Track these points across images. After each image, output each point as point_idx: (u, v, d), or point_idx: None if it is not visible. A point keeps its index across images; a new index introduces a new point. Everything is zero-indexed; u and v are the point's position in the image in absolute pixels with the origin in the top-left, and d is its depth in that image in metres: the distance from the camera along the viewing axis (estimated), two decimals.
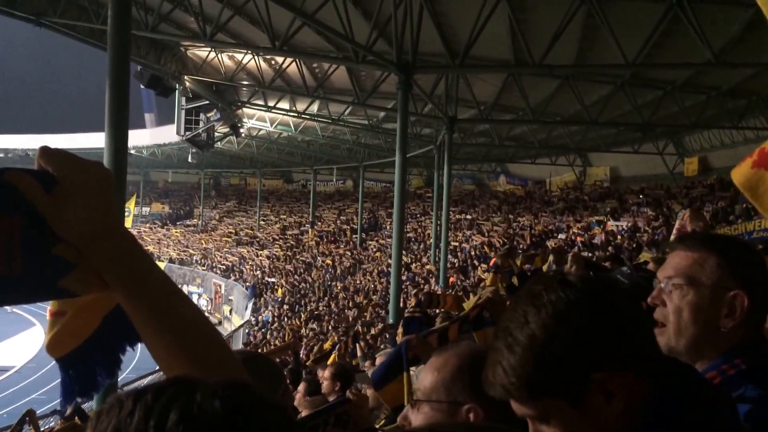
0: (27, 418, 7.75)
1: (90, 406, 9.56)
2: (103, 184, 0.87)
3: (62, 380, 0.95)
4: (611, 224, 23.10)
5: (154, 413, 0.69)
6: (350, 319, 19.77)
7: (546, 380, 0.88)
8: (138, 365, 12.83)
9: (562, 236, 23.99)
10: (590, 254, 17.88)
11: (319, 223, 43.85)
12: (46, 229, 0.83)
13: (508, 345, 0.89)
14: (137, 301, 0.87)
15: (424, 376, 1.36)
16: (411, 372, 2.51)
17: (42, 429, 9.53)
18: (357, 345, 8.39)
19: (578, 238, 22.04)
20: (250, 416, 0.71)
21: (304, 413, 3.58)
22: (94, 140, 39.80)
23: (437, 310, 8.57)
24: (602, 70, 17.56)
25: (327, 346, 12.37)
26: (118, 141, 8.16)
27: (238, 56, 21.08)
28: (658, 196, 25.07)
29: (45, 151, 0.85)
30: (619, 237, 20.43)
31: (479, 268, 21.56)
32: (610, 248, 18.35)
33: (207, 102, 24.73)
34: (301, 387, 4.79)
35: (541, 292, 0.91)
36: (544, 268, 6.72)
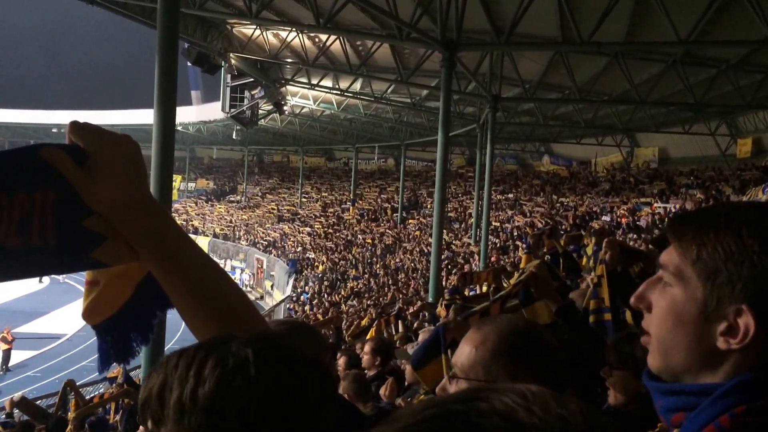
0: (68, 388, 8.08)
1: (137, 374, 9.94)
2: (133, 157, 0.88)
3: (99, 346, 1.00)
4: (658, 206, 22.58)
5: (195, 363, 0.80)
6: (389, 296, 19.91)
7: (729, 264, 0.78)
8: (183, 337, 13.23)
9: (606, 218, 23.58)
10: (635, 236, 17.56)
11: (360, 201, 44.02)
12: (78, 202, 0.85)
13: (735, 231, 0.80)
14: (168, 270, 0.90)
15: (461, 351, 1.35)
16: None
17: (92, 395, 9.93)
18: (399, 321, 8.44)
19: (623, 220, 21.65)
20: (278, 360, 0.81)
21: (344, 386, 3.64)
22: (144, 117, 40.69)
23: (475, 288, 8.55)
24: (653, 48, 17.02)
25: (364, 322, 12.48)
26: (167, 118, 8.31)
27: (283, 34, 21.17)
28: (709, 178, 24.37)
29: (75, 125, 0.87)
30: (666, 219, 19.98)
31: (521, 248, 21.40)
32: (656, 231, 17.96)
33: (252, 79, 24.95)
34: (342, 361, 4.86)
35: None
36: (588, 250, 6.62)
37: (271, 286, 35.60)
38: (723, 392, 0.77)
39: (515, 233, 25.87)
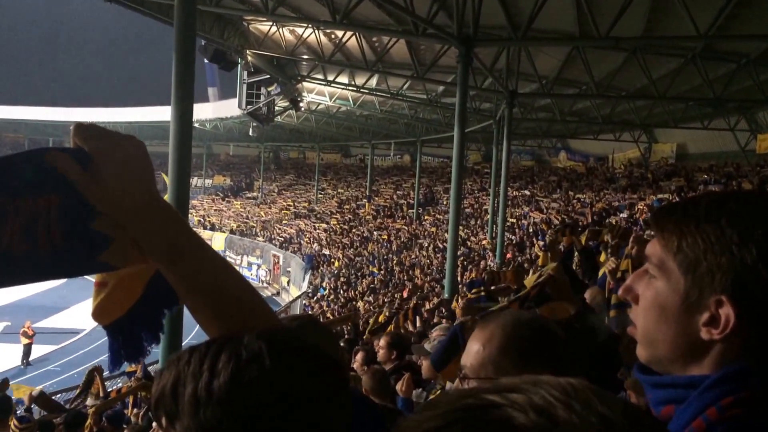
0: (95, 373, 8.16)
1: (157, 368, 10.00)
2: (138, 157, 0.88)
3: (110, 346, 1.01)
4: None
5: (208, 358, 0.80)
6: (406, 293, 19.88)
7: (709, 255, 0.79)
8: (201, 332, 13.33)
9: (624, 214, 23.37)
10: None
11: (376, 198, 44.04)
12: (83, 205, 0.85)
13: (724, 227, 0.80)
14: (177, 270, 0.90)
15: (469, 351, 1.34)
16: None
17: (110, 389, 10.01)
18: (417, 317, 8.44)
19: (641, 217, 21.44)
20: (292, 352, 0.82)
21: (363, 381, 3.65)
22: (161, 114, 40.97)
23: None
24: (672, 43, 16.82)
25: (381, 318, 12.50)
26: (184, 114, 8.36)
27: (299, 30, 21.19)
28: (728, 174, 24.06)
29: (79, 128, 0.87)
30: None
31: (536, 245, 21.29)
32: None
33: (268, 76, 25.01)
34: (359, 356, 4.87)
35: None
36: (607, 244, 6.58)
37: (288, 282, 35.74)
38: (709, 384, 0.77)
39: (531, 230, 25.74)
